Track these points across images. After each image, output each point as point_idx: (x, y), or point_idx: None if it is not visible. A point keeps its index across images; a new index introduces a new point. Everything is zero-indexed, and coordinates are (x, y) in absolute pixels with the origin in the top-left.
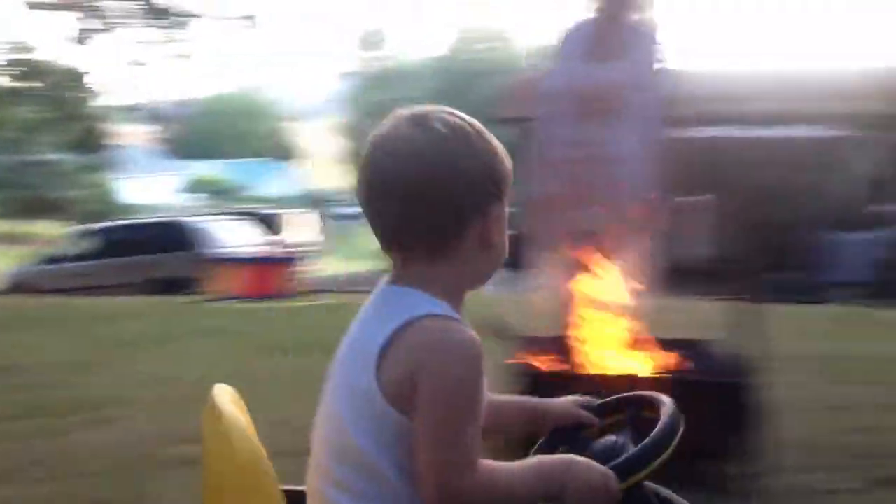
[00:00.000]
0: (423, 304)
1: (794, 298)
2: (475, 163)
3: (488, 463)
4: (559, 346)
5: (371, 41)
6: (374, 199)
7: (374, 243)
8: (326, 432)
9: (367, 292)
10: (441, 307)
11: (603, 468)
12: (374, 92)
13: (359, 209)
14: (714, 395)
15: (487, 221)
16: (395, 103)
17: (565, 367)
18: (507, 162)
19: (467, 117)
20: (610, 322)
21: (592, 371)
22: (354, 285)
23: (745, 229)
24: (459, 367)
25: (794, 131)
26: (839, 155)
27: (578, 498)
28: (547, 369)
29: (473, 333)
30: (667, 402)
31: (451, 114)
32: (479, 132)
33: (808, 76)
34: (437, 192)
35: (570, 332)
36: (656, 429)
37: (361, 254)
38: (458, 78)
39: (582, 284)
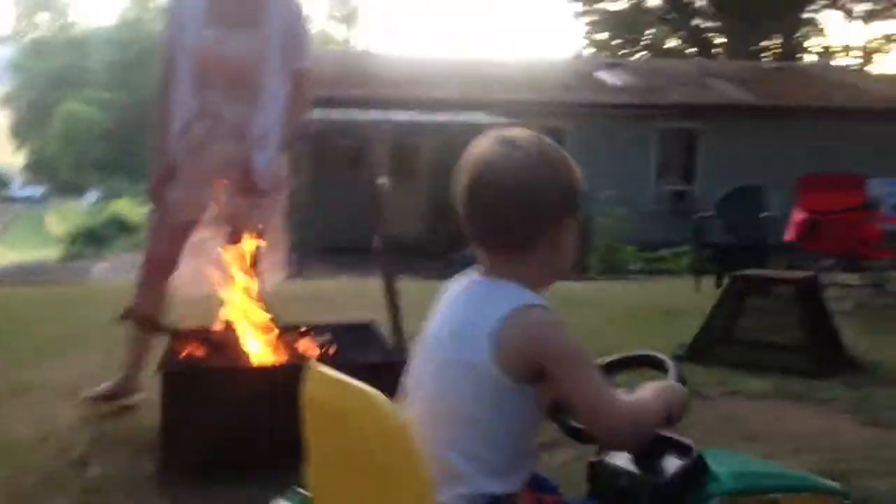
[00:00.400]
0: (524, 295)
1: None
2: (554, 181)
3: (621, 395)
4: (208, 337)
5: (41, 5)
6: (470, 206)
7: (52, 230)
8: (436, 402)
9: (34, 284)
10: (538, 298)
11: (672, 382)
12: (45, 60)
13: (31, 191)
14: (365, 376)
15: (560, 231)
16: (69, 72)
17: (215, 360)
18: (581, 179)
19: (549, 140)
20: (255, 308)
21: (240, 362)
22: (23, 275)
23: (427, 210)
24: (573, 340)
25: (467, 117)
26: None
27: (678, 405)
28: (195, 364)
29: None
30: (646, 352)
31: (537, 137)
32: (559, 154)
33: (477, 65)
34: (523, 205)
35: (216, 322)
36: (670, 361)
37: (32, 242)
38: (137, 48)
39: (221, 267)
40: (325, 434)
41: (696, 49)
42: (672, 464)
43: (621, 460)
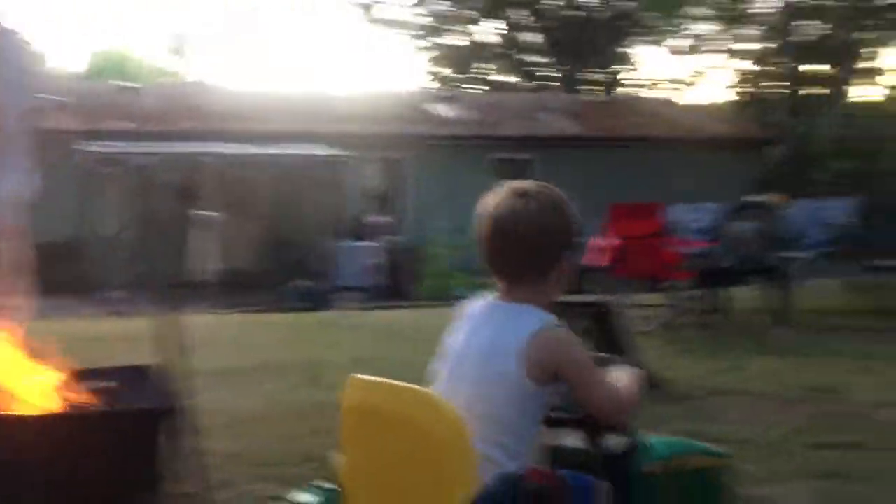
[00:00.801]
0: (543, 316)
1: (305, 306)
2: (562, 226)
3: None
4: None
5: None
6: (493, 245)
7: None
8: (473, 404)
9: None
10: (553, 318)
11: (634, 368)
12: None
13: None
14: (148, 420)
15: (564, 263)
16: None
17: None
18: (579, 221)
19: (555, 189)
20: (13, 355)
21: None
22: None
23: (262, 242)
24: (582, 350)
25: (302, 149)
26: (343, 171)
27: (644, 385)
28: None
29: None
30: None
31: (545, 187)
32: (563, 200)
33: (313, 98)
34: (538, 244)
35: None
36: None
37: None
38: None
39: None
40: (369, 434)
41: (530, 83)
42: (615, 441)
43: (576, 442)
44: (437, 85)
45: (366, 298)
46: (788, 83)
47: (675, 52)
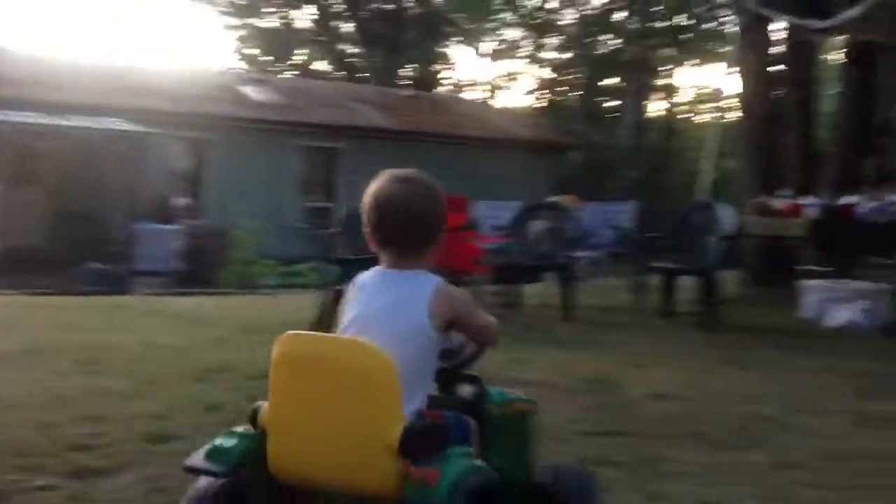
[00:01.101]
0: (434, 277)
1: (100, 289)
2: (438, 206)
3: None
4: None
5: None
6: (383, 224)
7: None
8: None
9: None
10: (441, 278)
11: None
12: None
13: None
14: None
15: (441, 236)
16: None
17: None
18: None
19: (427, 176)
20: None
21: None
22: None
23: (51, 219)
24: (470, 298)
25: (101, 123)
26: (144, 149)
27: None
28: None
29: None
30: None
31: (420, 174)
32: (436, 185)
33: (116, 71)
34: (425, 222)
35: None
36: None
37: None
38: None
39: None
40: (300, 383)
41: (343, 73)
42: (466, 390)
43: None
44: (246, 66)
45: (167, 283)
46: (582, 93)
47: (482, 54)
